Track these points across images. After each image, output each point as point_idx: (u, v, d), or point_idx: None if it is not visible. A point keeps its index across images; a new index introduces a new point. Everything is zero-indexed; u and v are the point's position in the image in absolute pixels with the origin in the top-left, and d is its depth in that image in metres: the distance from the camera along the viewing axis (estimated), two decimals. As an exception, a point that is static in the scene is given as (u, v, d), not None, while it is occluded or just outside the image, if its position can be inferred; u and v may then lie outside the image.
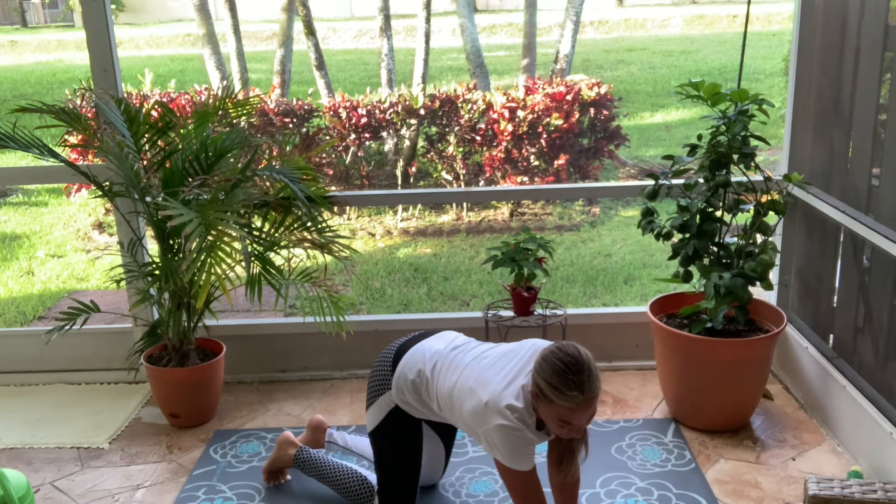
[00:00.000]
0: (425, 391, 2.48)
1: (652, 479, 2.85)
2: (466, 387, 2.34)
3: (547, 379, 2.15)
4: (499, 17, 18.27)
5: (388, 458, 2.62)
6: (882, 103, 2.87)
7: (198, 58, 12.91)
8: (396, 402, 2.54)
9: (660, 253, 5.83)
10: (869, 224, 2.81)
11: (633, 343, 3.65)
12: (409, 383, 2.50)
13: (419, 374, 2.48)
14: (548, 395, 2.15)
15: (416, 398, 2.50)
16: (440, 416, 2.53)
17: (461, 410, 2.35)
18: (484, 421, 2.25)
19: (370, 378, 2.63)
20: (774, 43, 13.80)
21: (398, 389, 2.52)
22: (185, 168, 3.13)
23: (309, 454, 2.80)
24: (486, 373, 2.34)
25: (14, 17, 22.48)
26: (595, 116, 7.13)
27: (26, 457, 3.13)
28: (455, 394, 2.37)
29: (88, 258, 6.45)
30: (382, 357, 2.62)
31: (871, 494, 2.44)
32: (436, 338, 2.61)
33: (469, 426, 2.37)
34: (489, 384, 2.29)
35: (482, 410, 2.25)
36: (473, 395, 2.30)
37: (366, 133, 6.97)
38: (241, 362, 3.62)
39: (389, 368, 2.56)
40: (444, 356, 2.48)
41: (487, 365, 2.38)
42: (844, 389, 2.97)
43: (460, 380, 2.38)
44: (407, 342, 2.62)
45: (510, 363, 2.34)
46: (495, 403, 2.24)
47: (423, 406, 2.52)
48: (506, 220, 6.96)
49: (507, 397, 2.24)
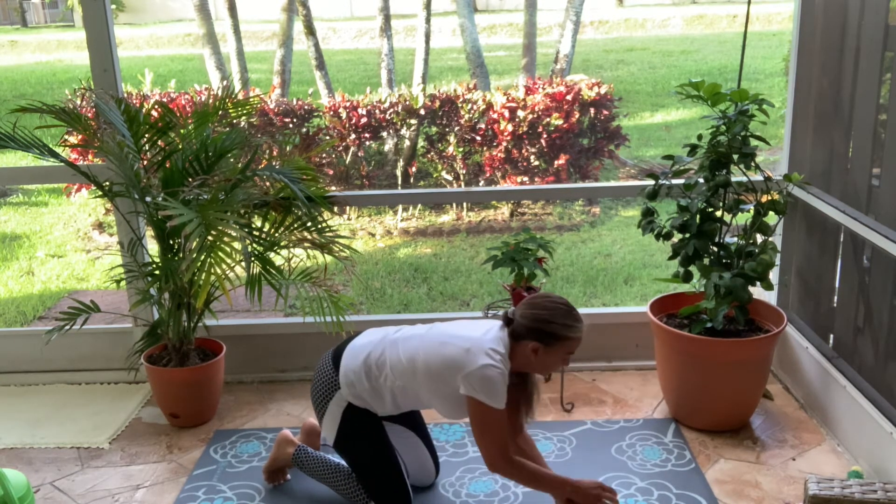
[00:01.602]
0: (376, 370, 2.55)
1: (652, 479, 2.85)
2: (436, 342, 2.50)
3: (561, 321, 2.44)
4: (499, 17, 18.28)
5: (360, 461, 2.64)
6: (882, 103, 2.87)
7: (198, 58, 12.92)
8: (348, 399, 2.58)
9: (660, 253, 5.83)
10: (869, 224, 2.81)
11: (633, 343, 3.65)
12: (358, 371, 2.56)
13: (367, 357, 2.57)
14: (564, 334, 2.44)
15: (367, 385, 2.55)
16: (393, 399, 2.57)
17: (428, 367, 2.47)
18: (466, 365, 2.40)
19: (314, 391, 2.69)
20: (774, 43, 13.80)
21: (347, 384, 2.57)
22: (185, 168, 3.13)
23: (307, 453, 2.81)
24: (457, 330, 2.54)
25: (14, 17, 22.49)
26: (595, 116, 7.14)
27: (26, 457, 3.13)
28: (420, 356, 2.49)
29: (88, 258, 6.45)
30: (319, 369, 2.70)
31: (871, 494, 2.44)
32: (365, 333, 2.71)
33: (438, 380, 2.47)
34: (464, 336, 2.48)
35: (463, 356, 2.42)
36: (448, 346, 2.46)
37: (366, 133, 6.97)
38: (241, 362, 3.62)
39: (331, 370, 2.63)
40: (390, 337, 2.61)
41: (451, 328, 2.58)
42: (844, 389, 2.97)
43: (424, 343, 2.52)
44: (337, 348, 2.69)
45: (474, 324, 2.57)
46: (479, 347, 2.43)
47: (375, 393, 2.56)
48: (506, 220, 6.96)
49: (489, 342, 2.44)
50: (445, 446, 3.08)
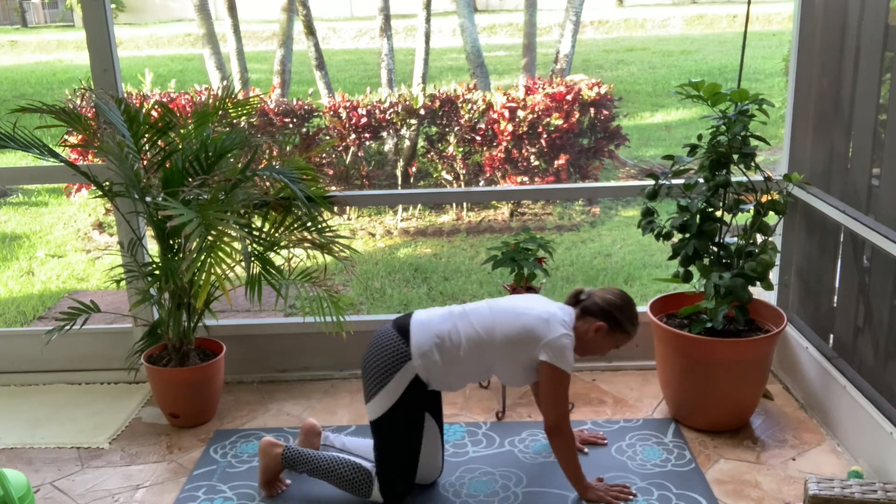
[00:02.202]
0: (450, 342, 2.65)
1: (652, 479, 2.85)
2: (511, 314, 2.69)
3: (630, 315, 2.76)
4: (499, 17, 18.28)
5: (395, 441, 2.68)
6: (882, 103, 2.87)
7: (198, 58, 12.92)
8: (418, 370, 2.62)
9: (660, 253, 5.83)
10: (869, 224, 2.81)
11: (633, 343, 3.64)
12: (430, 344, 2.63)
13: (438, 331, 2.66)
14: (627, 327, 2.76)
15: (438, 357, 2.63)
16: (461, 372, 2.68)
17: (507, 336, 2.65)
18: (546, 334, 2.63)
19: (376, 364, 2.66)
20: (774, 43, 13.81)
21: (420, 355, 2.62)
22: (185, 168, 3.13)
23: (296, 451, 2.78)
24: (525, 303, 2.75)
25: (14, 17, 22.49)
26: (595, 116, 7.14)
27: (26, 457, 3.13)
28: (497, 326, 2.66)
29: (88, 258, 6.45)
30: (383, 341, 2.68)
31: (871, 494, 2.44)
32: (420, 312, 2.78)
33: (517, 348, 2.65)
34: (541, 309, 2.70)
35: (543, 326, 2.65)
36: (525, 317, 2.67)
37: (366, 133, 6.97)
38: (241, 362, 3.62)
39: (401, 342, 2.65)
40: (456, 312, 2.74)
41: (517, 302, 2.78)
42: (844, 389, 2.97)
43: (498, 315, 2.69)
44: (399, 323, 2.71)
45: (534, 298, 2.81)
46: (556, 319, 2.68)
47: (444, 366, 2.64)
48: (506, 220, 6.96)
49: (563, 315, 2.72)
50: (446, 446, 3.08)
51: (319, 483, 2.82)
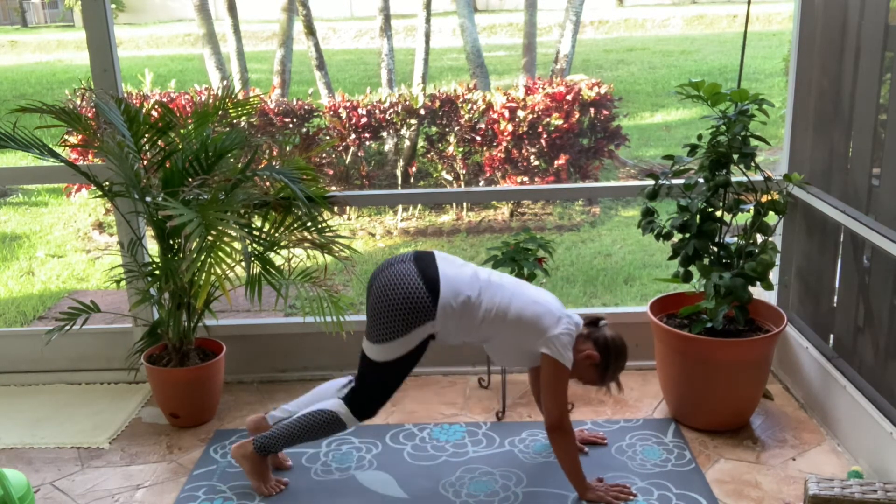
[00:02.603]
0: (473, 310, 2.67)
1: (652, 479, 2.85)
2: (530, 300, 2.73)
3: (615, 369, 2.79)
4: (499, 17, 18.28)
5: (384, 379, 2.75)
6: (882, 103, 2.87)
7: (198, 58, 12.91)
8: (437, 329, 2.67)
9: (660, 253, 5.83)
10: (869, 224, 2.81)
11: (633, 343, 3.62)
12: (457, 309, 2.65)
13: (467, 298, 2.67)
14: (608, 373, 2.78)
15: (458, 322, 2.67)
16: (468, 334, 2.72)
17: (519, 318, 2.68)
18: (551, 328, 2.69)
19: (394, 311, 2.63)
20: (774, 43, 13.80)
21: (444, 317, 2.64)
22: (185, 168, 3.13)
23: (263, 436, 2.81)
24: (546, 297, 2.79)
25: (14, 17, 22.49)
26: (595, 116, 7.13)
27: (26, 457, 3.13)
28: (513, 306, 2.69)
29: (88, 258, 6.45)
30: (409, 292, 2.64)
31: (871, 494, 2.44)
32: (444, 258, 2.80)
33: (523, 332, 2.69)
34: (557, 307, 2.76)
35: (553, 321, 2.70)
36: (540, 306, 2.72)
37: (366, 133, 6.97)
38: (241, 362, 3.62)
39: (428, 299, 2.63)
40: (482, 277, 2.75)
41: (539, 292, 2.80)
42: (844, 389, 2.97)
43: (517, 296, 2.72)
44: (424, 272, 2.68)
45: (553, 297, 2.84)
46: (567, 320, 2.74)
47: (459, 328, 2.69)
48: (506, 220, 6.96)
49: (574, 321, 2.77)
50: (446, 446, 3.08)
51: (318, 480, 2.82)
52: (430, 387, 3.56)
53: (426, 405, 3.40)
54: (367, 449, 3.08)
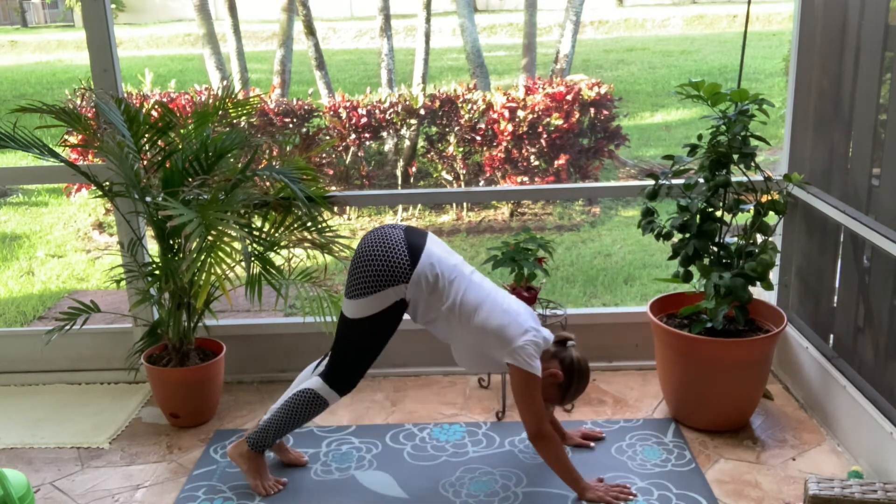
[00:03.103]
0: (442, 292, 2.66)
1: (652, 479, 2.85)
2: (501, 307, 2.69)
3: (574, 391, 2.79)
4: (499, 17, 18.27)
5: (360, 344, 2.75)
6: (882, 103, 2.87)
7: (198, 58, 12.91)
8: (405, 295, 2.65)
9: (660, 253, 5.83)
10: (869, 224, 2.81)
11: (633, 343, 3.65)
12: (430, 282, 2.64)
13: (441, 276, 2.66)
14: (570, 390, 2.77)
15: (426, 296, 2.65)
16: (434, 319, 2.71)
17: (485, 322, 2.66)
18: (515, 340, 2.65)
19: (372, 267, 2.63)
20: (774, 43, 13.80)
21: (416, 284, 2.63)
22: (185, 168, 3.13)
23: (254, 432, 2.83)
24: (520, 307, 2.76)
25: (14, 17, 22.49)
26: (595, 116, 7.14)
27: (26, 457, 3.13)
28: (484, 308, 2.67)
29: (88, 258, 6.45)
30: (389, 250, 2.64)
31: (871, 494, 2.44)
32: (435, 241, 2.75)
33: (486, 336, 2.66)
34: (527, 319, 2.72)
35: (519, 333, 2.66)
36: (510, 315, 2.68)
37: (366, 133, 6.97)
38: (241, 362, 3.62)
39: (408, 263, 2.62)
40: (462, 270, 2.73)
41: (514, 302, 2.77)
42: (844, 389, 2.97)
43: (490, 299, 2.70)
44: (410, 240, 2.67)
45: (527, 309, 2.80)
46: (534, 335, 2.69)
47: (426, 306, 2.67)
48: (506, 220, 6.96)
49: (543, 337, 2.73)
50: (446, 446, 3.08)
51: (318, 480, 2.82)
52: (430, 387, 3.56)
53: (426, 405, 3.40)
54: (367, 449, 3.08)
